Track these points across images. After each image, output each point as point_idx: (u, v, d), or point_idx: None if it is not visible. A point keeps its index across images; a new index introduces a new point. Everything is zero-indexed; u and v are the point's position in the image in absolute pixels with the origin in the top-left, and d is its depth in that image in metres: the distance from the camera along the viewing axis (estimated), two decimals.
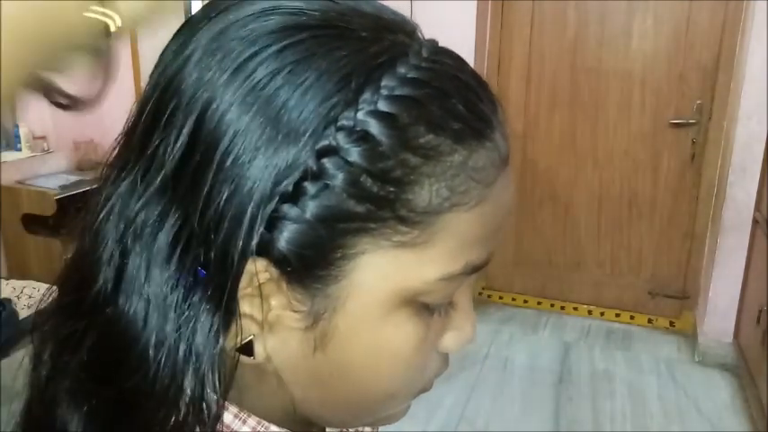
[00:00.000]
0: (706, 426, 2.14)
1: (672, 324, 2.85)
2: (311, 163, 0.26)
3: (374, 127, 0.26)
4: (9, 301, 2.19)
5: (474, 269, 0.30)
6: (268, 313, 0.29)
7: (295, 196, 0.26)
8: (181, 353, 0.28)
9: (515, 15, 2.80)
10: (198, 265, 0.28)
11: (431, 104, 0.28)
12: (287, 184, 0.26)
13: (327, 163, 0.26)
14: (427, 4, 2.55)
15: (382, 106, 0.27)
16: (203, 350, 0.28)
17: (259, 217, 0.26)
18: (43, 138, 2.97)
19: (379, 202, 0.27)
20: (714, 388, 2.37)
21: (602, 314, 2.95)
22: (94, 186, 0.31)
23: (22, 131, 2.89)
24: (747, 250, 2.41)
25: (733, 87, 2.48)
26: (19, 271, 2.82)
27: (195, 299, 0.28)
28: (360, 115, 0.26)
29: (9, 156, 2.81)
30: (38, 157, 2.94)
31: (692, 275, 2.78)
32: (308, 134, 0.26)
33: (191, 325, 0.28)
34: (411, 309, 0.30)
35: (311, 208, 0.26)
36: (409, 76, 0.28)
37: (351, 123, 0.26)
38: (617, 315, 2.93)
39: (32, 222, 2.75)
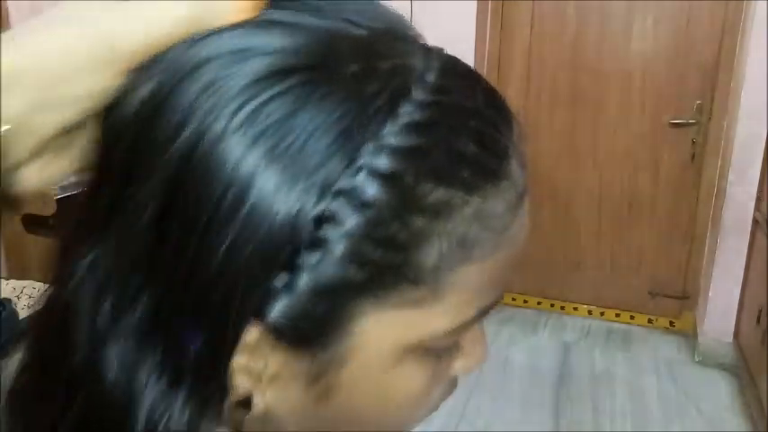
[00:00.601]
0: (706, 426, 2.14)
1: (672, 324, 2.85)
2: (308, 231, 0.23)
3: (376, 190, 0.23)
4: (9, 301, 2.19)
5: (485, 312, 0.29)
6: (266, 369, 0.26)
7: (291, 266, 0.24)
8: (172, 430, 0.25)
9: (515, 15, 2.80)
10: (184, 342, 0.25)
11: (439, 152, 0.25)
12: (283, 254, 0.24)
13: (326, 231, 0.24)
14: (427, 4, 2.55)
15: (384, 165, 0.24)
16: (194, 426, 0.26)
17: (254, 289, 0.24)
18: None
19: (383, 269, 0.24)
20: (714, 388, 2.37)
21: (602, 314, 2.95)
22: (60, 248, 0.28)
23: None
24: (747, 250, 2.41)
25: (733, 87, 2.48)
26: (19, 271, 2.82)
27: (183, 376, 0.25)
28: (359, 178, 0.23)
29: None
30: None
31: (692, 275, 2.78)
32: (303, 200, 0.23)
33: (178, 405, 0.25)
34: (418, 355, 0.28)
35: (309, 280, 0.24)
36: (414, 119, 0.24)
37: (350, 187, 0.23)
38: (617, 315, 2.93)
39: (32, 222, 2.75)
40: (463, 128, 0.26)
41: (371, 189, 0.24)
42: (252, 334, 0.25)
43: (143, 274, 0.25)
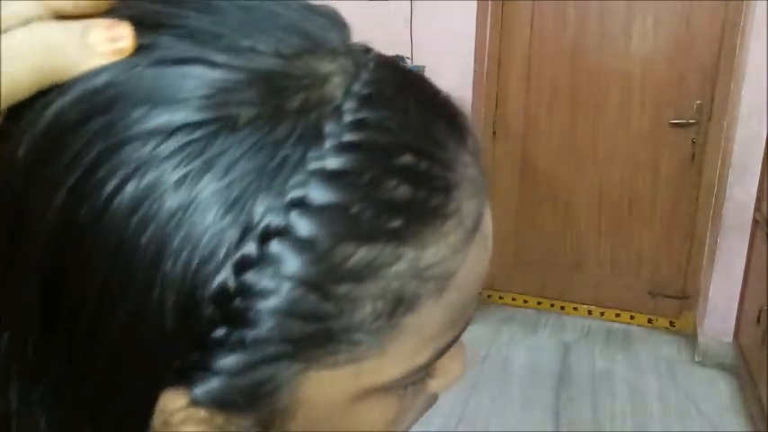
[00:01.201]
0: (706, 426, 2.14)
1: (672, 324, 2.85)
2: (222, 310, 0.21)
3: (291, 261, 0.20)
4: None
5: (445, 350, 0.26)
6: (212, 422, 0.24)
7: (208, 347, 0.21)
8: None
9: (515, 15, 2.80)
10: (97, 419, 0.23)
11: (361, 205, 0.21)
12: (198, 333, 0.21)
13: (242, 309, 0.21)
14: (427, 4, 2.55)
15: (298, 230, 0.20)
16: None
17: (168, 369, 0.22)
18: None
19: (308, 339, 0.22)
20: (714, 388, 2.37)
21: (602, 314, 2.95)
22: None
23: None
24: (747, 250, 2.41)
25: (733, 87, 2.48)
26: None
27: None
28: (273, 248, 0.20)
29: None
30: None
31: (692, 275, 2.78)
32: (210, 277, 0.20)
33: None
34: (378, 396, 0.25)
35: (229, 361, 0.21)
36: (325, 170, 0.21)
37: (263, 259, 0.20)
38: (617, 315, 2.93)
39: None
40: (391, 169, 0.22)
41: (288, 258, 0.21)
42: (179, 401, 0.22)
43: (41, 356, 0.23)
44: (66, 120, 0.21)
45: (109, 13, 0.22)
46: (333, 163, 0.21)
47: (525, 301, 3.07)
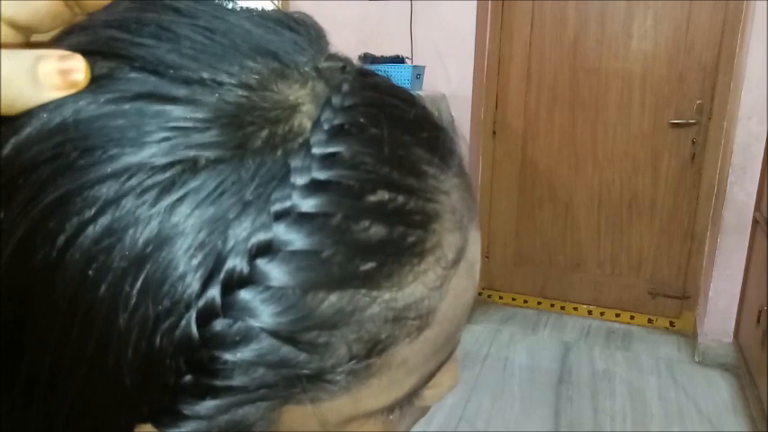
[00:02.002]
0: (706, 426, 2.14)
1: (672, 324, 2.85)
2: (195, 360, 0.20)
3: (260, 311, 0.20)
4: None
5: (431, 377, 0.26)
6: None
7: (181, 394, 0.21)
8: None
9: (515, 15, 2.80)
10: None
11: (331, 250, 0.20)
12: (170, 383, 0.20)
13: (211, 362, 0.20)
14: (427, 4, 2.55)
15: (266, 278, 0.19)
16: None
17: (129, 425, 0.21)
18: None
19: (282, 383, 0.21)
20: (714, 388, 2.37)
21: (602, 314, 2.95)
22: None
23: None
24: (747, 250, 2.41)
25: (733, 87, 2.48)
26: None
27: None
28: (242, 297, 0.19)
29: None
30: None
31: (692, 275, 2.78)
32: (180, 327, 0.19)
33: None
34: (362, 419, 0.25)
35: (202, 407, 0.21)
36: (294, 212, 0.19)
37: (232, 309, 0.19)
38: (617, 315, 2.93)
39: None
40: (363, 208, 0.20)
41: (257, 309, 0.20)
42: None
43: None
44: (18, 163, 0.19)
45: (60, 39, 0.21)
46: (300, 205, 0.19)
47: (525, 301, 3.07)
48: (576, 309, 3.00)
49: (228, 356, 0.20)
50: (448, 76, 2.59)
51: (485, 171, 2.95)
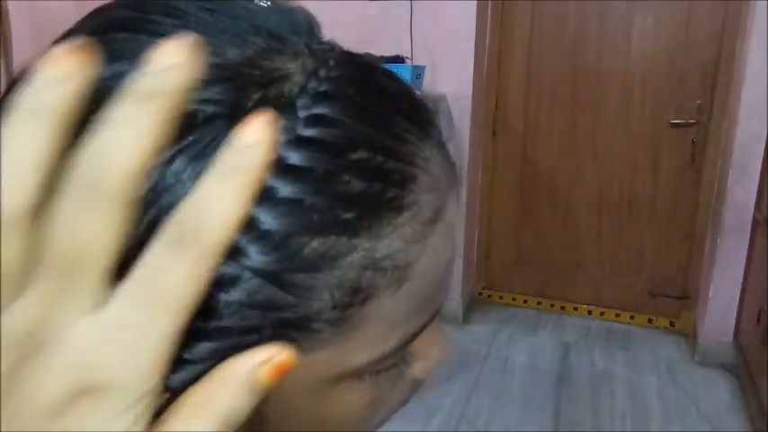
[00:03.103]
0: (706, 426, 2.14)
1: (672, 324, 2.85)
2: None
3: (251, 251, 0.21)
4: None
5: (414, 336, 0.27)
6: None
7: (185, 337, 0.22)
8: None
9: (515, 15, 2.80)
10: None
11: (315, 198, 0.22)
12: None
13: (204, 302, 0.21)
14: (427, 4, 2.55)
15: (251, 223, 0.21)
16: None
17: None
18: None
19: (273, 328, 0.23)
20: (714, 388, 2.37)
21: (602, 314, 2.95)
22: None
23: None
24: (747, 250, 2.41)
25: (733, 87, 2.48)
26: None
27: None
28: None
29: None
30: None
31: (692, 275, 2.78)
32: None
33: None
34: (349, 381, 0.26)
35: (197, 350, 0.22)
36: (284, 163, 0.22)
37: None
38: (617, 315, 2.93)
39: None
40: (344, 164, 0.22)
41: (248, 248, 0.21)
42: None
43: None
44: None
45: (83, 22, 0.24)
46: (287, 157, 0.22)
47: (525, 301, 3.07)
48: (576, 309, 3.00)
49: (221, 296, 0.21)
50: (448, 76, 2.59)
51: (485, 171, 2.95)
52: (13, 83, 0.24)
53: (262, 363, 0.20)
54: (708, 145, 2.63)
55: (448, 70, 2.58)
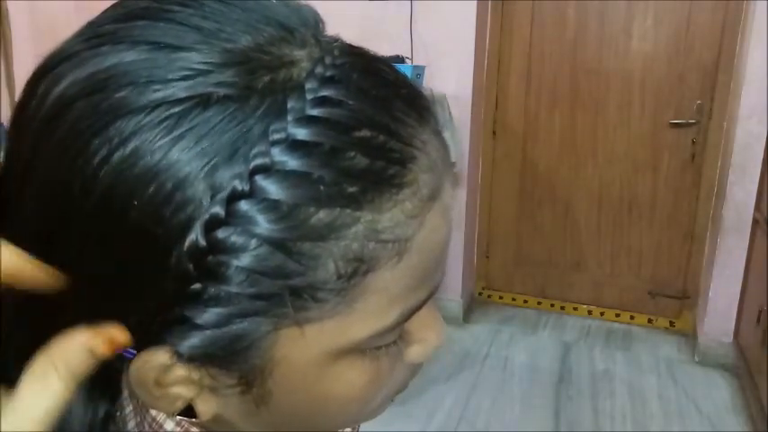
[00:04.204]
0: (706, 426, 2.14)
1: (672, 324, 2.85)
2: (199, 266, 0.23)
3: (259, 219, 0.23)
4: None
5: (413, 312, 0.28)
6: (202, 379, 0.27)
7: (187, 301, 0.24)
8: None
9: (515, 15, 2.80)
10: None
11: (321, 172, 0.23)
12: (177, 288, 0.23)
13: (216, 265, 0.23)
14: (427, 4, 2.55)
15: (264, 191, 0.23)
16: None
17: (153, 324, 0.24)
18: None
19: (277, 295, 0.24)
20: (714, 388, 2.37)
21: (602, 314, 2.95)
22: None
23: None
24: (747, 250, 2.41)
25: (733, 87, 2.48)
26: None
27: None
28: (243, 208, 0.23)
29: None
30: None
31: (692, 275, 2.78)
32: (187, 235, 0.23)
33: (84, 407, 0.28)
34: (351, 358, 0.27)
35: (207, 315, 0.24)
36: (289, 140, 0.23)
37: (233, 219, 0.23)
38: (617, 315, 2.93)
39: None
40: (349, 141, 0.24)
41: (256, 217, 0.23)
42: (165, 355, 0.25)
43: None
44: (68, 96, 0.24)
45: (106, 11, 0.26)
46: (295, 134, 0.23)
47: (525, 301, 3.07)
48: (575, 309, 3.00)
49: (232, 262, 0.23)
50: (448, 76, 2.59)
51: (485, 171, 2.95)
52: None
53: (102, 336, 0.24)
54: (708, 145, 2.63)
55: (448, 70, 2.58)
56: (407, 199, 0.25)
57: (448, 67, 2.58)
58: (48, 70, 0.25)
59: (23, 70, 2.90)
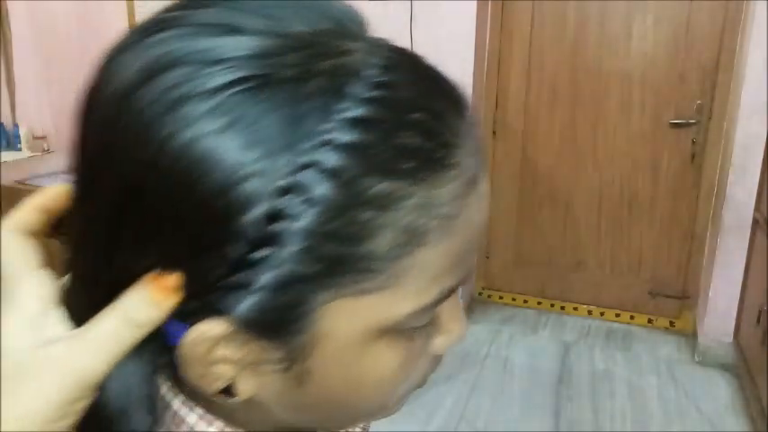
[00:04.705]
0: (706, 426, 2.14)
1: (672, 324, 2.85)
2: (262, 232, 0.24)
3: (320, 187, 0.24)
4: None
5: (450, 292, 0.30)
6: (245, 357, 0.28)
7: (248, 265, 0.25)
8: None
9: (515, 15, 2.80)
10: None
11: (381, 146, 0.25)
12: (240, 253, 0.25)
13: (278, 230, 0.24)
14: (427, 4, 2.55)
15: (327, 161, 0.24)
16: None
17: (215, 287, 0.26)
18: (43, 138, 2.97)
19: (336, 261, 0.26)
20: (714, 388, 2.37)
21: (602, 314, 2.95)
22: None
23: (22, 131, 2.89)
24: (747, 250, 2.41)
25: (733, 87, 2.48)
26: None
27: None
28: (305, 176, 0.24)
29: (9, 156, 2.81)
30: (38, 157, 2.94)
31: (692, 275, 2.78)
32: (252, 203, 0.24)
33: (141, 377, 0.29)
34: (389, 338, 0.29)
35: (266, 276, 0.25)
36: (354, 116, 0.25)
37: (296, 186, 0.24)
38: (617, 315, 2.93)
39: None
40: (406, 121, 0.26)
41: (316, 187, 0.24)
42: (220, 327, 0.26)
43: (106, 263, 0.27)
44: (135, 80, 0.25)
45: (174, 4, 0.28)
46: (357, 113, 0.25)
47: (525, 301, 3.07)
48: (575, 309, 3.00)
49: (293, 226, 0.24)
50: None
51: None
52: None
53: (163, 283, 0.26)
54: (708, 145, 2.63)
55: (448, 70, 2.56)
56: (454, 180, 0.27)
57: (448, 67, 2.56)
58: (114, 55, 0.27)
59: (23, 70, 2.90)
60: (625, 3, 2.62)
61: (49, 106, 3.05)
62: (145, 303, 0.26)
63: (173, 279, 0.25)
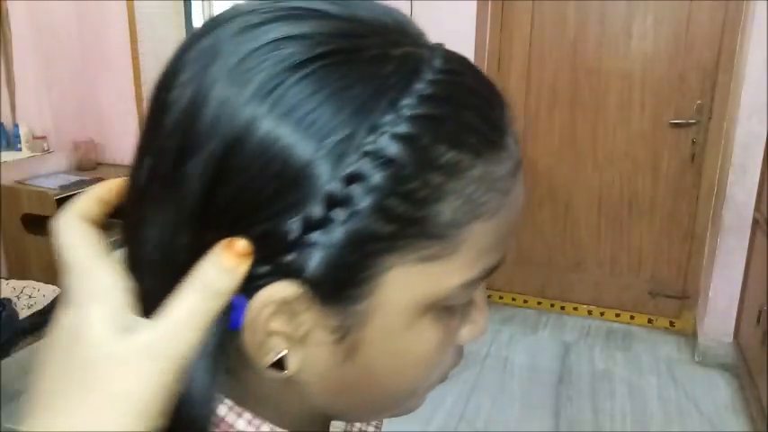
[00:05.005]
0: (706, 426, 2.14)
1: (672, 324, 2.85)
2: (339, 190, 0.26)
3: (397, 150, 0.27)
4: (9, 301, 2.19)
5: (491, 271, 0.32)
6: (299, 329, 0.29)
7: (324, 223, 0.26)
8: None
9: (515, 15, 2.80)
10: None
11: (449, 121, 0.28)
12: (316, 212, 0.26)
13: (355, 189, 0.26)
14: (427, 4, 2.55)
15: (403, 129, 0.27)
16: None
17: (291, 244, 0.27)
18: (43, 138, 2.97)
19: (406, 222, 0.27)
20: (714, 388, 2.37)
21: (602, 314, 2.95)
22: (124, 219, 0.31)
23: (22, 131, 2.89)
24: (747, 250, 2.41)
25: (733, 87, 2.48)
26: (19, 271, 2.81)
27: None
28: (383, 140, 0.26)
29: (9, 156, 2.81)
30: (38, 157, 2.94)
31: (692, 275, 2.78)
32: (334, 164, 0.26)
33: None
34: (434, 314, 0.31)
35: (340, 233, 0.27)
36: (426, 93, 0.28)
37: (374, 149, 0.26)
38: (617, 315, 2.93)
39: (32, 222, 2.75)
40: (468, 103, 0.29)
41: (393, 149, 0.26)
42: (289, 289, 0.27)
43: (200, 228, 0.28)
44: (217, 58, 0.28)
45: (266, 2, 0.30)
46: (430, 91, 0.28)
47: (525, 301, 3.07)
48: (575, 309, 3.00)
49: (370, 184, 0.26)
50: None
51: None
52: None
53: (225, 245, 0.27)
54: (708, 145, 2.63)
55: None
56: (507, 160, 0.30)
57: None
58: (186, 48, 0.29)
59: (23, 70, 2.90)
60: (625, 3, 2.62)
61: (49, 106, 3.05)
62: (222, 271, 0.26)
63: (243, 244, 0.27)
